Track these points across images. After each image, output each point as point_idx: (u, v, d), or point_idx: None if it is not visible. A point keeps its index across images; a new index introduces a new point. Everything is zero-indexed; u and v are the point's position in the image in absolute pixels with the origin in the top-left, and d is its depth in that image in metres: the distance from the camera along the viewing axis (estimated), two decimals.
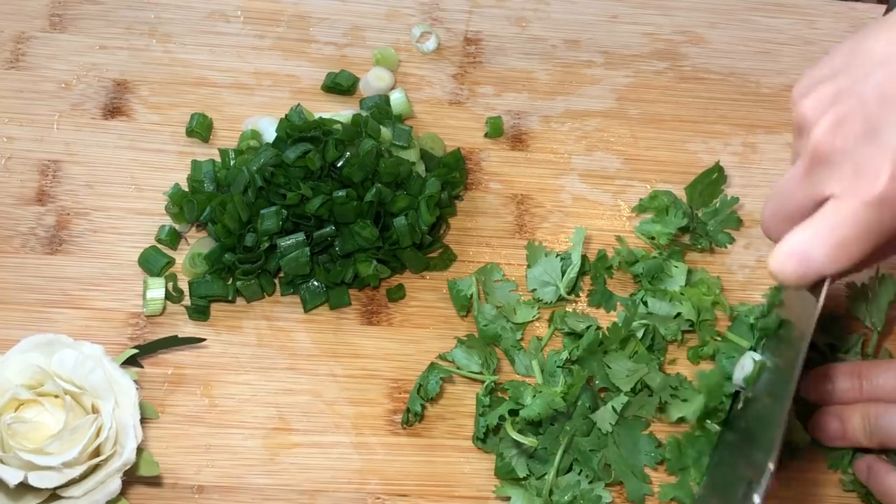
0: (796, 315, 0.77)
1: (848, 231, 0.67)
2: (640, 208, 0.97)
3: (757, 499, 0.69)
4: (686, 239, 0.96)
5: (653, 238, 0.95)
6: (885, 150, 0.66)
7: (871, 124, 0.67)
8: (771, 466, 0.69)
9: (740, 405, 0.83)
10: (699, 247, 0.95)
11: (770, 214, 0.73)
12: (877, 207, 0.66)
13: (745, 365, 0.82)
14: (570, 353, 0.88)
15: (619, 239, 0.94)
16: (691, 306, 0.89)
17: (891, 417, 0.82)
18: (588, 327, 0.88)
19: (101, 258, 0.92)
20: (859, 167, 0.67)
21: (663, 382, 0.86)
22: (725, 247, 0.96)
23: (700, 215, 0.96)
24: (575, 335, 0.89)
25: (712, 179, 0.96)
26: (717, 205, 0.96)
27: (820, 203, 0.69)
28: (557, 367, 0.88)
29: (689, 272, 0.91)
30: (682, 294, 0.89)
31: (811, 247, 0.68)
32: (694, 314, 0.89)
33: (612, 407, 0.85)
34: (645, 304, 0.89)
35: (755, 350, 0.84)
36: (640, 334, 0.88)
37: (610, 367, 0.86)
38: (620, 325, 0.88)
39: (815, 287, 0.71)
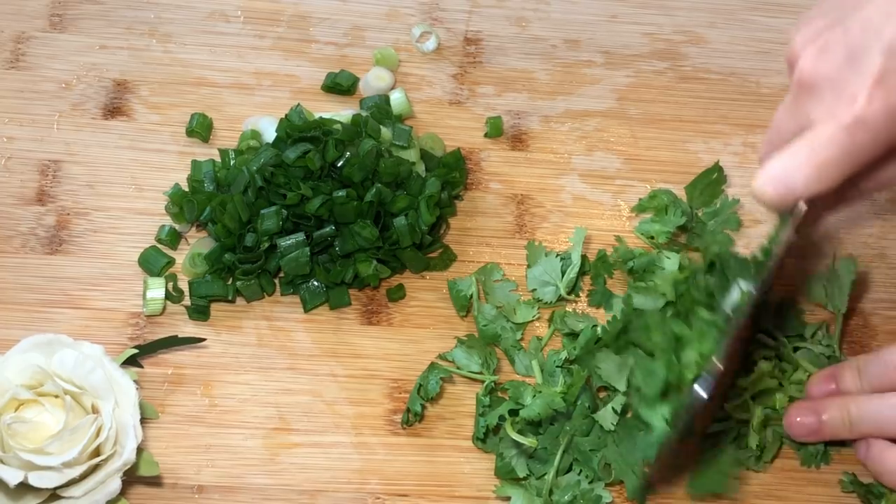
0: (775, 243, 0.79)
1: (826, 153, 0.69)
2: (640, 208, 0.97)
3: (701, 391, 0.74)
4: (684, 239, 0.96)
5: (652, 238, 0.95)
6: (864, 75, 0.68)
7: (852, 51, 0.69)
8: (717, 362, 0.74)
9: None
10: (697, 246, 0.95)
11: (765, 147, 0.76)
12: (854, 130, 0.68)
13: (734, 294, 0.82)
14: (568, 353, 0.88)
15: (617, 238, 0.94)
16: (670, 286, 0.88)
17: (873, 406, 0.82)
18: (584, 329, 0.88)
19: (101, 258, 0.92)
20: (839, 91, 0.69)
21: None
22: None
23: (700, 215, 0.96)
24: (574, 335, 0.89)
25: (712, 179, 0.96)
26: (718, 205, 0.96)
27: (805, 129, 0.71)
28: (556, 367, 0.88)
29: (681, 264, 0.90)
30: (663, 281, 0.89)
31: (791, 169, 0.70)
32: (670, 290, 0.88)
33: (613, 408, 0.85)
34: (630, 298, 0.89)
35: (744, 280, 0.83)
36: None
37: (600, 367, 0.86)
38: (617, 319, 0.87)
39: (791, 214, 0.74)
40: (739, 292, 0.80)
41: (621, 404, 0.85)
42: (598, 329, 0.88)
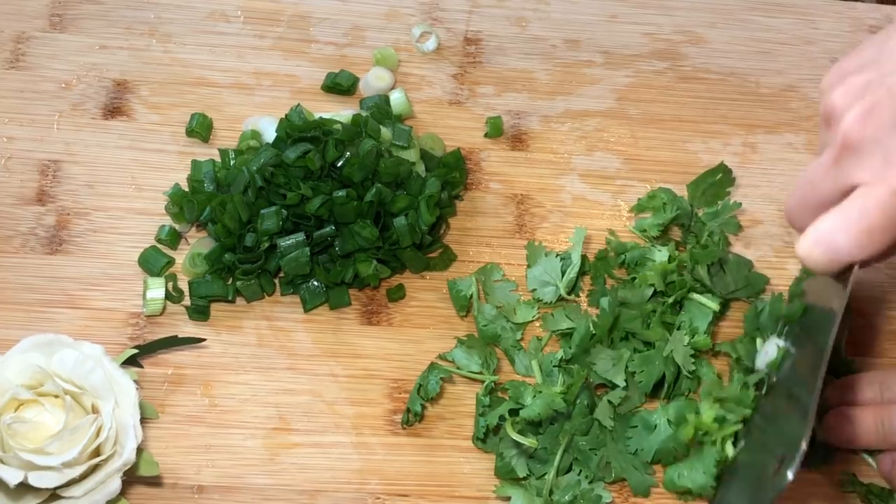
0: (819, 303, 0.77)
1: (876, 218, 0.67)
2: (639, 208, 0.97)
3: (790, 474, 0.69)
4: (680, 236, 0.96)
5: (644, 231, 0.95)
6: None
7: None
8: (804, 445, 0.69)
9: (764, 391, 0.82)
10: (689, 245, 0.94)
11: (796, 203, 0.74)
12: None
13: (769, 350, 0.82)
14: (564, 353, 0.88)
15: (610, 232, 0.94)
16: (659, 277, 0.88)
17: None
18: (577, 326, 0.88)
19: (101, 258, 0.92)
20: (888, 155, 0.67)
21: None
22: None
23: (700, 215, 0.96)
24: (568, 335, 0.89)
25: (716, 180, 0.96)
26: (720, 207, 0.96)
27: (848, 192, 0.69)
28: (553, 366, 0.88)
29: (671, 256, 0.90)
30: (653, 271, 0.89)
31: (839, 233, 0.68)
32: (659, 281, 0.88)
33: (609, 401, 0.85)
34: (615, 291, 0.90)
35: (777, 338, 0.83)
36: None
37: (595, 364, 0.86)
38: (606, 312, 0.87)
39: (841, 275, 0.72)
40: (777, 349, 0.80)
41: (618, 398, 0.85)
42: (591, 324, 0.88)
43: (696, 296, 0.89)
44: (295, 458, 0.86)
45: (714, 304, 0.88)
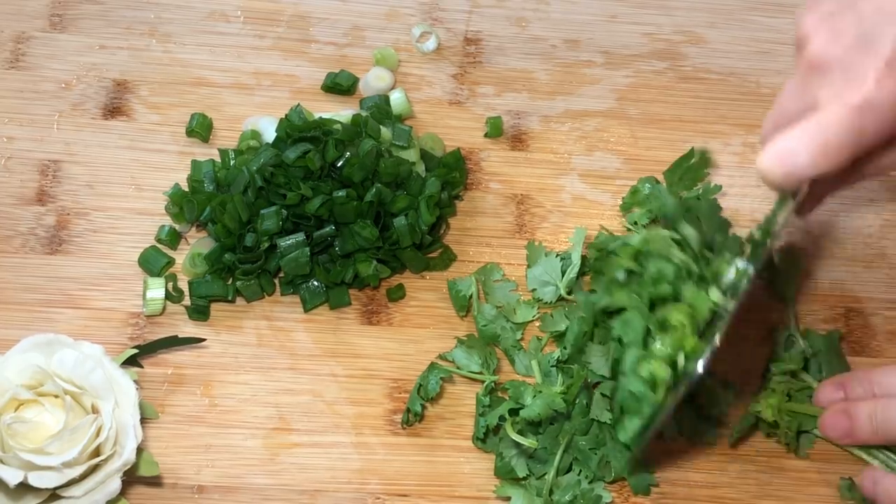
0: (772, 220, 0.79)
1: (832, 134, 0.69)
2: (625, 207, 0.97)
3: (699, 366, 0.74)
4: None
5: (636, 223, 0.95)
6: (875, 57, 0.68)
7: (865, 34, 0.69)
8: (717, 340, 0.75)
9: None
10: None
11: (768, 124, 0.75)
12: (861, 111, 0.68)
13: (730, 273, 0.82)
14: (560, 354, 0.88)
15: (602, 227, 0.94)
16: (628, 256, 0.88)
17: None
18: (570, 326, 0.88)
19: (101, 258, 0.92)
20: (848, 73, 0.69)
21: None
22: None
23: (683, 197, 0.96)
24: (562, 335, 0.89)
25: (692, 164, 0.97)
26: (700, 190, 0.96)
27: (812, 109, 0.71)
28: (551, 366, 0.88)
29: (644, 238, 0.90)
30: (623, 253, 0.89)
31: (796, 148, 0.70)
32: (630, 261, 0.88)
33: (602, 394, 0.85)
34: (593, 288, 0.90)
35: (741, 259, 0.83)
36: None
37: (591, 362, 0.86)
38: (589, 302, 0.87)
39: (794, 194, 0.75)
40: (736, 271, 0.80)
41: (609, 389, 0.85)
42: (582, 323, 0.87)
43: (656, 256, 0.88)
44: (295, 458, 0.86)
45: (678, 254, 0.87)
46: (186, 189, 0.94)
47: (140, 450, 0.81)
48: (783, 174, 0.70)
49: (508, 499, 0.84)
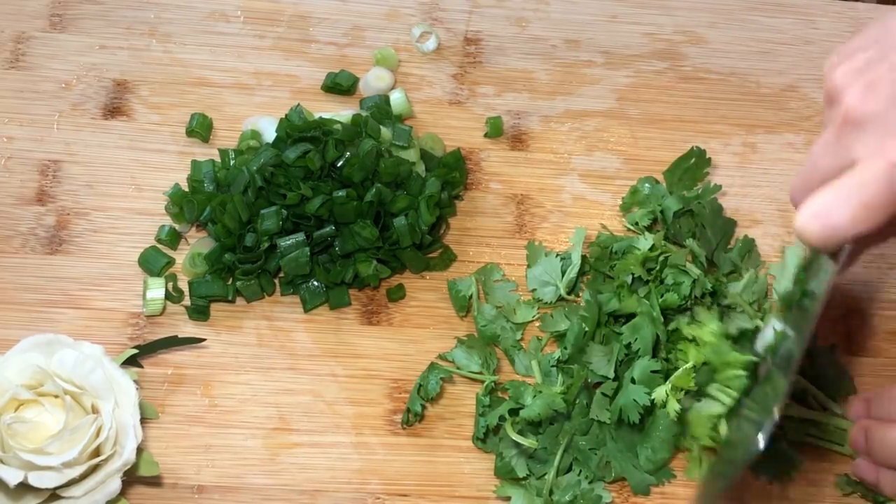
0: (817, 288, 0.77)
1: (872, 192, 0.66)
2: (624, 207, 0.97)
3: (761, 440, 0.70)
4: (674, 227, 0.95)
5: (636, 224, 0.95)
6: None
7: None
8: (776, 413, 0.70)
9: (763, 375, 0.81)
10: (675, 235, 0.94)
11: (799, 182, 0.73)
12: None
13: (767, 334, 0.81)
14: (560, 354, 0.88)
15: (603, 227, 0.94)
16: (637, 262, 0.88)
17: (890, 434, 0.81)
18: (570, 326, 0.88)
19: (101, 258, 0.92)
20: (888, 127, 0.67)
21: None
22: None
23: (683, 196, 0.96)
24: (563, 335, 0.89)
25: (690, 164, 0.97)
26: (700, 190, 0.96)
27: (848, 168, 0.68)
28: (551, 366, 0.88)
29: (654, 245, 0.90)
30: (633, 260, 0.89)
31: (835, 206, 0.67)
32: (639, 267, 0.88)
33: (602, 393, 0.85)
34: (594, 283, 0.90)
35: (777, 320, 0.83)
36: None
37: (591, 362, 0.86)
38: (591, 303, 0.87)
39: (836, 254, 0.72)
40: (773, 333, 0.79)
41: (611, 389, 0.85)
42: (583, 322, 0.87)
43: (672, 268, 0.88)
44: (295, 458, 0.86)
45: (693, 269, 0.88)
46: (186, 189, 0.94)
47: (140, 450, 0.81)
48: (822, 235, 0.68)
49: (508, 499, 0.84)
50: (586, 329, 0.87)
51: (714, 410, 0.81)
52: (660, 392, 0.83)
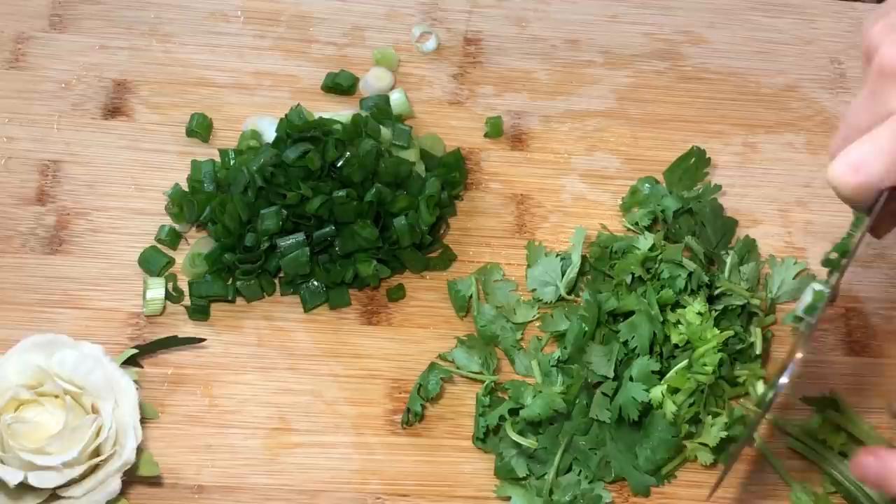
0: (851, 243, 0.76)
1: None
2: (625, 207, 0.97)
3: (784, 379, 0.71)
4: (675, 226, 0.95)
5: (636, 223, 0.95)
6: None
7: None
8: (799, 354, 0.71)
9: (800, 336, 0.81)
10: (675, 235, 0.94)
11: (836, 142, 0.71)
12: None
13: (807, 295, 0.80)
14: (560, 354, 0.88)
15: (603, 226, 0.94)
16: (637, 262, 0.88)
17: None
18: (570, 325, 0.88)
19: (101, 258, 0.92)
20: None
21: None
22: None
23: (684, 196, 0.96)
24: (563, 335, 0.89)
25: (690, 164, 0.97)
26: (700, 190, 0.96)
27: (885, 118, 0.68)
28: (552, 366, 0.88)
29: (654, 244, 0.90)
30: (633, 259, 0.89)
31: (869, 157, 0.66)
32: (639, 267, 0.88)
33: (602, 393, 0.85)
34: (593, 283, 0.91)
35: (817, 282, 0.82)
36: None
37: (591, 362, 0.86)
38: (591, 304, 0.87)
39: (870, 209, 0.71)
40: (813, 293, 0.78)
41: (611, 389, 0.85)
42: (583, 322, 0.87)
43: (668, 263, 0.89)
44: (295, 458, 0.86)
45: (690, 264, 0.88)
46: (186, 189, 0.94)
47: (140, 450, 0.81)
48: (855, 185, 0.67)
49: (508, 499, 0.84)
50: (586, 329, 0.87)
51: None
52: (655, 392, 0.83)
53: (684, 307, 0.87)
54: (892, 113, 0.67)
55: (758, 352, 0.89)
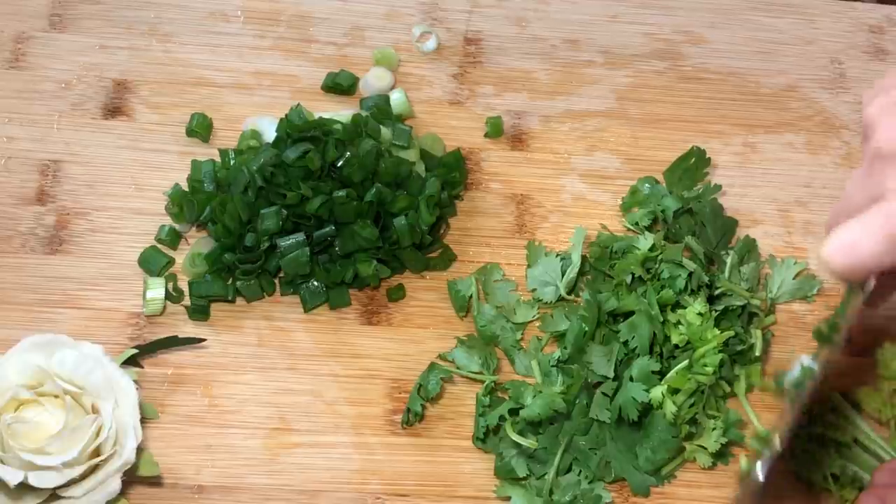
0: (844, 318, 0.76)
1: None
2: (626, 207, 0.97)
3: (759, 472, 0.70)
4: (675, 227, 0.95)
5: (636, 224, 0.95)
6: None
7: None
8: (776, 441, 0.70)
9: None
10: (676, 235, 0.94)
11: (832, 216, 0.73)
12: None
13: (794, 370, 0.81)
14: (560, 354, 0.88)
15: (603, 226, 0.94)
16: (637, 262, 0.88)
17: None
18: (570, 325, 0.88)
19: (101, 258, 0.92)
20: None
21: None
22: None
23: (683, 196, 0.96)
24: (563, 335, 0.89)
25: (690, 164, 0.97)
26: (700, 190, 0.96)
27: (878, 201, 0.68)
28: (552, 366, 0.88)
29: (654, 244, 0.90)
30: (633, 260, 0.89)
31: (861, 239, 0.67)
32: (638, 267, 0.88)
33: (602, 393, 0.85)
34: (593, 283, 0.91)
35: (807, 357, 0.83)
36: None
37: (592, 362, 0.86)
38: (591, 304, 0.87)
39: (862, 287, 0.71)
40: (801, 368, 0.77)
41: (611, 389, 0.85)
42: (583, 322, 0.87)
43: (668, 262, 0.89)
44: (295, 458, 0.86)
45: (690, 264, 0.88)
46: (186, 189, 0.94)
47: (140, 450, 0.81)
48: (846, 266, 0.67)
49: (508, 499, 0.84)
50: (586, 329, 0.87)
51: None
52: (656, 392, 0.83)
53: (685, 307, 0.87)
54: (885, 195, 0.67)
55: (757, 353, 0.89)
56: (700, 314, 0.85)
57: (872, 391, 0.90)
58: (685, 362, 0.85)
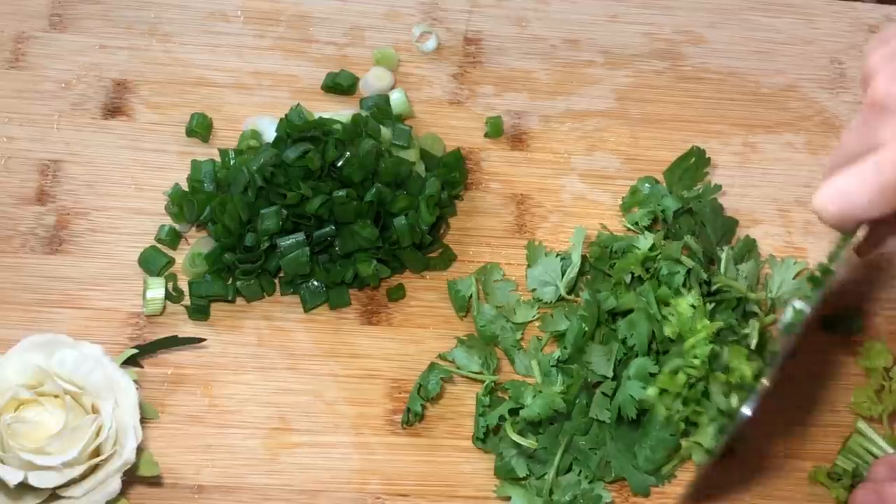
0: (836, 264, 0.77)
1: (890, 175, 0.67)
2: (626, 207, 0.97)
3: (745, 408, 0.72)
4: (676, 226, 0.95)
5: (636, 223, 0.95)
6: None
7: None
8: (765, 381, 0.72)
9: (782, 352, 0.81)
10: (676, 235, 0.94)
11: (830, 164, 0.73)
12: None
13: (787, 313, 0.81)
14: (560, 353, 0.88)
15: (603, 226, 0.94)
16: (637, 261, 0.88)
17: None
18: (570, 325, 0.88)
19: (100, 258, 0.92)
20: None
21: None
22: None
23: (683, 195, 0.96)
24: (563, 335, 0.89)
25: (690, 164, 0.97)
26: (700, 190, 0.96)
27: (872, 151, 0.69)
28: (551, 366, 0.88)
29: (654, 244, 0.90)
30: (633, 259, 0.89)
31: (851, 187, 0.68)
32: (638, 266, 0.88)
33: (602, 392, 0.85)
34: (593, 282, 0.91)
35: (799, 300, 0.83)
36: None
37: (591, 362, 0.86)
38: (590, 303, 0.87)
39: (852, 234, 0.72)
40: (793, 311, 0.79)
41: (611, 388, 0.85)
42: (583, 322, 0.87)
43: (667, 260, 0.89)
44: (295, 458, 0.86)
45: (688, 261, 0.88)
46: (186, 189, 0.94)
47: (140, 450, 0.81)
48: (837, 214, 0.68)
49: (508, 499, 0.84)
50: (586, 329, 0.87)
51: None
52: (649, 392, 0.83)
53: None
54: (879, 145, 0.68)
55: (752, 346, 0.88)
56: (693, 306, 0.85)
57: (859, 388, 0.90)
58: (675, 361, 0.84)
